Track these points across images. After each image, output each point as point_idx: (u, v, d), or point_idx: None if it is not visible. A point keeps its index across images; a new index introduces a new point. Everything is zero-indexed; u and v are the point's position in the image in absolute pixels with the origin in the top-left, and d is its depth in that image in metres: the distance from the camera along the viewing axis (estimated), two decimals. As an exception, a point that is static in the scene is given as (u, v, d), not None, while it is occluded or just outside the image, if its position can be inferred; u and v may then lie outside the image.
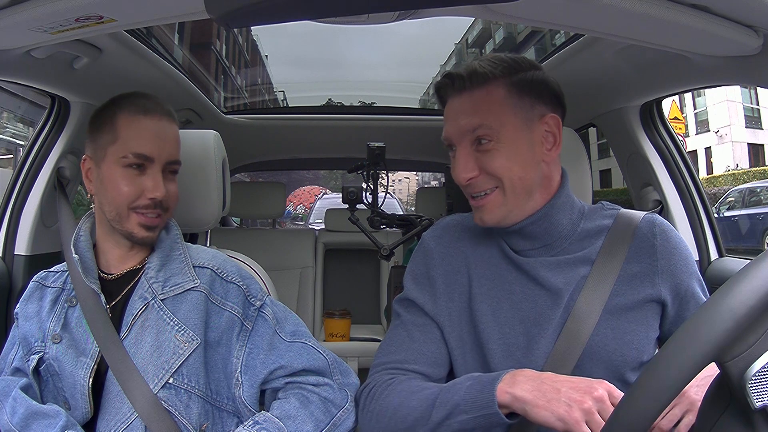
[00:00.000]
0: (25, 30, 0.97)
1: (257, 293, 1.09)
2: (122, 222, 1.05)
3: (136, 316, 1.03)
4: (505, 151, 0.97)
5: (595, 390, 0.79)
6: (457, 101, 1.00)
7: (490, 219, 1.00)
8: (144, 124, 1.06)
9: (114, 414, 0.99)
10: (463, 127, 0.98)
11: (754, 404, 0.55)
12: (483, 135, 0.97)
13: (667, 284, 0.99)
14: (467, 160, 0.98)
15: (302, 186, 13.19)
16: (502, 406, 0.83)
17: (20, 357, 1.06)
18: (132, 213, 1.05)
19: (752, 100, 19.00)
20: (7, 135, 10.13)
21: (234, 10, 0.67)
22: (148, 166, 1.05)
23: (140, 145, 1.04)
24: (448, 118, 1.01)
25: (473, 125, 0.97)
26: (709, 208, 1.75)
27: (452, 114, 1.00)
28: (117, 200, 1.04)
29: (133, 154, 1.04)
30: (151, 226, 1.06)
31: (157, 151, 1.05)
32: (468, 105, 0.98)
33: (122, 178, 1.04)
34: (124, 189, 1.04)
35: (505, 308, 1.00)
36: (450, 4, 0.94)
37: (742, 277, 0.56)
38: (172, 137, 1.09)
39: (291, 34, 2.91)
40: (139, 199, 1.04)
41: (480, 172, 0.98)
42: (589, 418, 0.77)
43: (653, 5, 0.88)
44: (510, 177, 0.98)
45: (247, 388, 1.04)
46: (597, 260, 1.00)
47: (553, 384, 0.81)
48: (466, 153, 0.99)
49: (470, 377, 0.90)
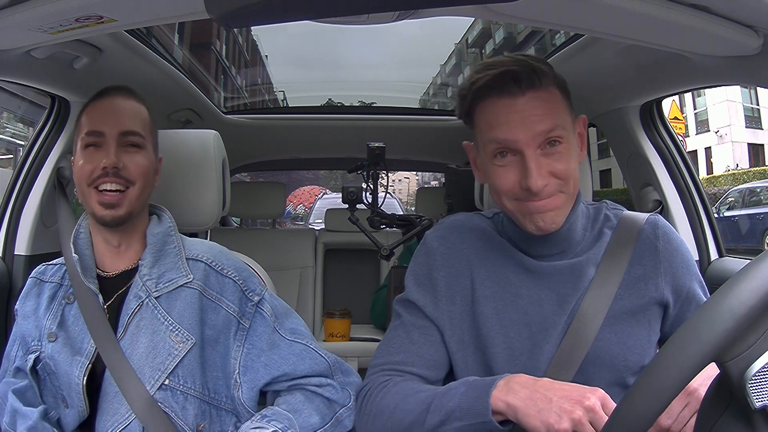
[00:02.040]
0: (25, 30, 0.97)
1: (255, 287, 1.08)
2: (87, 202, 1.06)
3: (131, 315, 1.03)
4: (570, 152, 0.94)
5: (587, 399, 0.78)
6: (522, 102, 0.91)
7: (556, 223, 0.95)
8: (97, 105, 1.09)
9: (112, 415, 0.99)
10: (538, 129, 0.90)
11: (754, 404, 0.55)
12: (557, 137, 0.92)
13: (670, 286, 0.99)
14: (540, 166, 0.91)
15: (302, 186, 13.18)
16: (496, 413, 0.83)
17: (20, 357, 1.06)
18: (92, 191, 1.05)
19: (752, 100, 18.99)
20: (7, 135, 10.13)
21: (234, 10, 0.67)
22: (101, 141, 1.06)
23: (92, 123, 1.06)
24: (512, 120, 0.91)
25: (549, 126, 0.91)
26: (709, 208, 1.75)
27: (518, 115, 0.91)
28: (79, 179, 1.06)
29: (86, 133, 1.06)
30: (110, 203, 1.04)
31: (107, 126, 1.06)
32: (538, 105, 0.91)
33: (83, 157, 1.06)
34: (84, 166, 1.05)
35: (510, 312, 0.99)
36: (450, 4, 0.94)
37: (742, 277, 0.56)
38: (125, 110, 1.09)
39: (291, 34, 2.91)
40: (94, 171, 1.04)
41: (549, 179, 0.92)
42: (579, 428, 0.77)
43: (653, 5, 0.88)
44: (573, 179, 0.94)
45: (246, 390, 1.04)
46: (601, 264, 0.99)
47: (545, 393, 0.81)
48: (537, 158, 0.91)
49: (465, 382, 0.89)
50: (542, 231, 0.95)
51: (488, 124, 0.94)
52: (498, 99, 0.92)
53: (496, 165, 0.95)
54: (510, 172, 0.93)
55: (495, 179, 0.95)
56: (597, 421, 0.77)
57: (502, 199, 0.97)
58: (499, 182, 0.95)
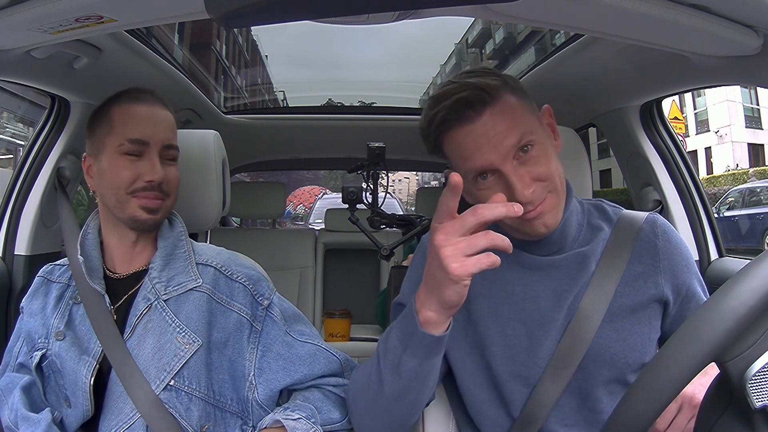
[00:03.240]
0: (25, 30, 0.97)
1: (264, 292, 1.09)
2: (123, 208, 1.05)
3: (139, 317, 1.03)
4: (545, 152, 0.94)
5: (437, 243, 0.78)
6: (481, 124, 0.91)
7: (554, 221, 0.95)
8: (136, 110, 1.07)
9: (116, 414, 0.99)
10: (508, 145, 0.91)
11: (754, 404, 0.55)
12: (527, 143, 0.92)
13: (670, 284, 0.99)
14: (522, 176, 0.91)
15: (302, 186, 13.19)
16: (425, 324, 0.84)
17: (24, 353, 1.07)
18: (131, 198, 1.05)
19: (752, 100, 19.00)
20: (7, 135, 10.13)
21: (234, 10, 0.67)
22: (144, 150, 1.06)
23: (134, 130, 1.05)
24: (480, 144, 0.91)
25: (517, 137, 0.91)
26: (709, 208, 1.75)
27: (483, 138, 0.91)
28: (116, 186, 1.05)
29: (128, 141, 1.05)
30: (152, 209, 1.06)
31: (151, 135, 1.06)
32: (499, 121, 0.91)
33: (121, 164, 1.05)
34: (123, 174, 1.05)
35: (505, 309, 0.99)
36: (450, 4, 0.94)
37: (742, 277, 0.56)
38: (165, 121, 1.09)
39: (291, 34, 2.91)
40: (136, 182, 1.05)
41: (534, 185, 0.92)
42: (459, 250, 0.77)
43: (653, 5, 0.88)
44: (557, 175, 0.95)
45: (262, 391, 1.04)
46: (601, 262, 0.99)
47: (428, 272, 0.82)
48: (515, 170, 0.92)
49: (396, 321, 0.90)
50: (548, 229, 0.96)
51: (460, 156, 0.95)
52: (459, 128, 0.93)
53: (481, 190, 0.95)
54: (497, 190, 0.93)
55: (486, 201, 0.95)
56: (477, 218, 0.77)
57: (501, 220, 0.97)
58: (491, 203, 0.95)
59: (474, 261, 0.77)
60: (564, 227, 0.99)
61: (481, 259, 0.77)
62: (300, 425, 0.98)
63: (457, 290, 0.79)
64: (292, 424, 0.97)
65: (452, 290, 0.79)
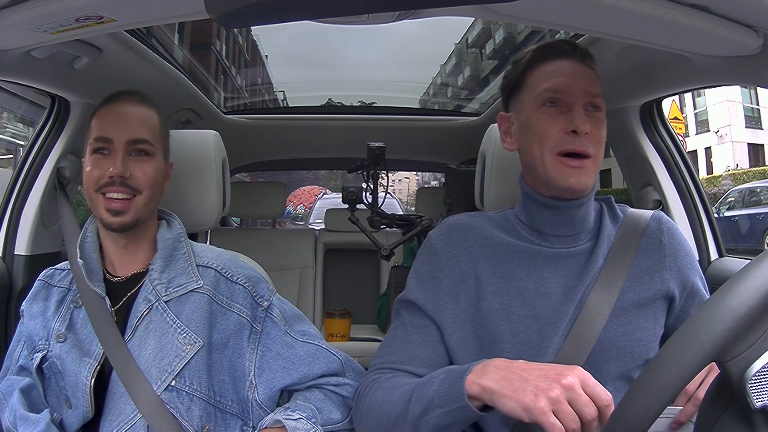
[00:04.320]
0: (25, 30, 0.97)
1: (264, 293, 1.09)
2: (95, 208, 1.07)
3: (140, 318, 1.03)
4: (603, 125, 1.02)
5: (564, 378, 0.74)
6: (574, 64, 1.02)
7: (588, 181, 1.00)
8: (107, 111, 1.08)
9: (117, 415, 0.99)
10: (586, 89, 1.00)
11: (754, 404, 0.55)
12: (598, 103, 1.01)
13: (675, 279, 1.01)
14: (584, 116, 0.99)
15: (302, 186, 13.19)
16: (472, 397, 0.80)
17: (25, 355, 1.07)
18: (99, 196, 1.05)
19: (752, 100, 19.00)
20: (7, 135, 10.13)
21: (234, 10, 0.67)
22: (110, 148, 1.06)
23: (101, 129, 1.07)
24: (567, 75, 1.01)
25: (594, 91, 1.01)
26: (709, 208, 1.75)
27: (571, 73, 1.01)
28: (87, 185, 1.06)
29: (95, 139, 1.06)
30: (117, 211, 1.04)
31: (116, 132, 1.06)
32: (588, 73, 1.02)
33: (90, 163, 1.06)
34: (91, 172, 1.06)
35: (517, 306, 0.99)
36: (450, 4, 0.94)
37: (742, 277, 0.56)
38: (134, 116, 1.09)
39: (291, 34, 2.90)
40: (101, 179, 1.05)
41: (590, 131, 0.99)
42: (557, 407, 0.72)
43: (653, 5, 0.88)
44: (601, 154, 1.01)
45: (262, 391, 1.04)
46: (608, 257, 1.01)
47: (521, 373, 0.78)
48: (582, 113, 0.99)
49: (445, 370, 0.87)
50: (580, 188, 0.99)
51: (545, 77, 1.02)
52: (555, 60, 1.02)
53: (544, 113, 1.01)
54: (557, 120, 1.00)
55: (542, 125, 1.01)
56: (575, 400, 0.73)
57: (543, 155, 1.00)
58: (545, 130, 1.00)
59: (553, 421, 0.72)
60: (587, 212, 1.03)
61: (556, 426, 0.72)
62: (301, 425, 0.97)
63: (513, 411, 0.75)
64: (293, 424, 0.97)
65: (511, 405, 0.75)
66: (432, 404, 0.84)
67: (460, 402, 0.80)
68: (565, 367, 0.77)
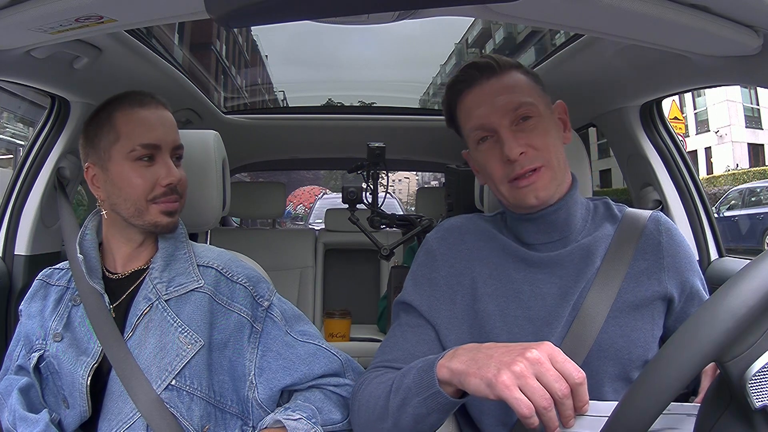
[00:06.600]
0: (25, 30, 0.97)
1: (264, 293, 1.09)
2: (143, 216, 1.05)
3: (140, 316, 1.03)
4: (545, 127, 0.99)
5: (529, 351, 0.71)
6: (487, 87, 1.00)
7: (545, 194, 0.98)
8: (143, 115, 1.06)
9: (116, 414, 0.99)
10: (505, 106, 0.98)
11: (754, 404, 0.55)
12: (526, 112, 0.98)
13: (674, 281, 1.00)
14: (515, 137, 0.97)
15: (302, 186, 13.19)
16: (444, 382, 0.78)
17: (23, 355, 1.07)
18: (151, 204, 1.05)
19: (752, 100, 18.99)
20: (7, 135, 10.13)
21: (234, 10, 0.67)
22: (157, 154, 1.05)
23: (145, 135, 1.04)
24: (482, 103, 0.99)
25: (516, 103, 0.98)
26: (709, 208, 1.75)
27: (486, 98, 0.99)
28: (134, 195, 1.04)
29: (140, 146, 1.04)
30: (172, 211, 1.07)
31: (163, 138, 1.06)
32: (503, 87, 0.99)
33: (134, 172, 1.04)
34: (139, 182, 1.04)
35: (513, 308, 0.99)
36: (450, 4, 0.94)
37: (742, 277, 0.56)
38: (171, 123, 1.10)
39: (291, 34, 2.90)
40: (155, 189, 1.05)
41: (527, 149, 0.97)
42: (523, 382, 0.69)
43: (653, 5, 0.88)
44: (555, 153, 0.99)
45: (262, 390, 1.04)
46: (605, 258, 1.00)
47: (487, 351, 0.75)
48: (510, 131, 0.98)
49: (423, 359, 0.86)
50: (540, 202, 0.98)
51: (466, 115, 1.02)
52: (468, 92, 1.01)
53: (482, 151, 1.01)
54: (493, 154, 0.99)
55: (486, 166, 1.01)
56: (543, 375, 0.69)
57: (498, 187, 1.01)
58: (490, 167, 1.00)
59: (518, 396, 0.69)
60: (568, 215, 1.01)
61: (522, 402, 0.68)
62: (301, 425, 0.97)
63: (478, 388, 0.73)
64: (293, 424, 0.97)
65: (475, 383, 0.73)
66: (409, 393, 0.83)
67: (432, 388, 0.79)
68: (533, 343, 0.74)
